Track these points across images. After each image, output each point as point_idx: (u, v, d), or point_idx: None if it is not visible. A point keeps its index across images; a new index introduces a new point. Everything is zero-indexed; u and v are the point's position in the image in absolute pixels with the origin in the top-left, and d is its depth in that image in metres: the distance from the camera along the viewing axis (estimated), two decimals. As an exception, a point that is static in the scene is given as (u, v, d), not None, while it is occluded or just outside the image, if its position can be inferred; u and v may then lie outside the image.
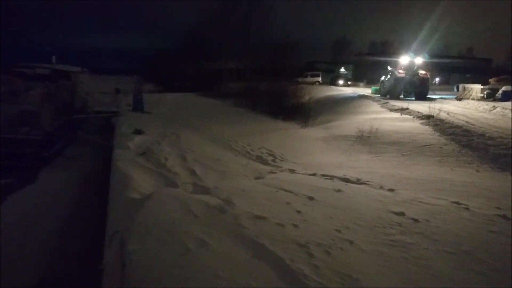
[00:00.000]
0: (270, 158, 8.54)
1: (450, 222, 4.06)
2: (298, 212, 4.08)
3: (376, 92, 28.15)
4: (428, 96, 24.10)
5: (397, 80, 24.48)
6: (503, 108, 17.99)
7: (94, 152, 11.83)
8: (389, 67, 27.04)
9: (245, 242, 3.29)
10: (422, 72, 24.52)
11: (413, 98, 23.63)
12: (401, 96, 24.58)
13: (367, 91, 30.09)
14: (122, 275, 3.11)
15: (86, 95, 18.09)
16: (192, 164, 7.25)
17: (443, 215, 4.31)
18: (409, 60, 25.57)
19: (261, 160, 8.33)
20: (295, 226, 3.63)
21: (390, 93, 24.84)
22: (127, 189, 5.34)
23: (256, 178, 6.31)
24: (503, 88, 23.82)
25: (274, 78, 20.21)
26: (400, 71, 24.85)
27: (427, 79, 24.64)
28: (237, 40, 33.40)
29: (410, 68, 24.93)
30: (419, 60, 25.64)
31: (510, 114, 16.25)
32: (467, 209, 4.56)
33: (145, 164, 7.13)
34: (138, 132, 10.04)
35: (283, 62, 25.97)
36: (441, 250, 3.32)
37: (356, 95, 25.78)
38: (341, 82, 42.54)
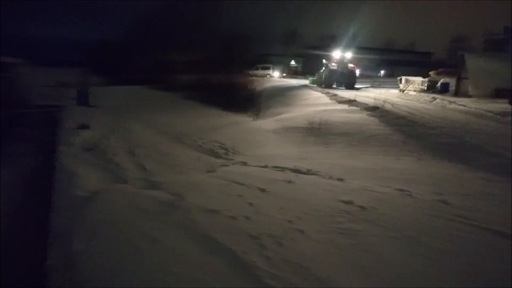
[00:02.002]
0: (222, 151, 8.50)
1: (395, 209, 4.25)
2: (250, 204, 4.09)
3: (313, 82, 32.60)
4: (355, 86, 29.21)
5: (331, 72, 28.93)
6: (442, 99, 19.10)
7: (35, 149, 11.18)
8: (324, 60, 31.23)
9: (197, 236, 3.26)
10: (350, 65, 29.55)
11: (343, 87, 28.40)
12: (334, 86, 28.99)
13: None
14: (67, 276, 2.97)
15: (26, 89, 17.02)
16: (142, 159, 7.06)
17: (389, 202, 4.50)
18: (340, 55, 30.21)
19: (213, 153, 8.27)
20: (247, 218, 3.64)
21: (325, 83, 29.02)
22: (73, 187, 5.10)
23: (208, 171, 6.26)
24: (442, 81, 25.25)
25: (225, 70, 20.11)
26: (333, 64, 29.34)
27: (355, 71, 30.04)
28: (189, 31, 32.78)
29: (341, 62, 29.51)
30: (348, 55, 30.56)
31: (448, 105, 17.29)
32: (410, 195, 4.79)
33: (92, 160, 6.85)
34: (84, 127, 9.62)
35: (234, 54, 25.93)
36: (387, 236, 3.47)
37: (298, 85, 29.94)
38: (277, 74, 46.65)
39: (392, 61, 58.98)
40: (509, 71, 15.37)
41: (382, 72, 54.68)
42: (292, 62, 55.85)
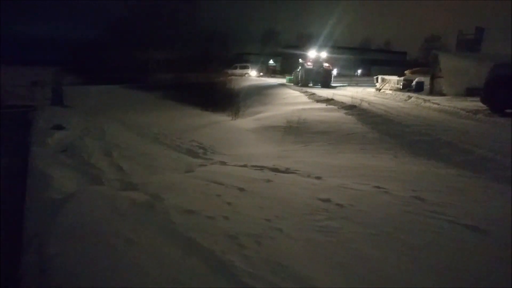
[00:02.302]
0: (201, 151, 8.45)
1: (372, 206, 4.31)
2: (229, 204, 4.08)
3: (290, 81, 33.87)
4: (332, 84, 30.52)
5: (307, 71, 30.00)
6: (417, 98, 19.52)
7: (7, 151, 10.85)
8: (300, 60, 32.40)
9: (175, 237, 3.23)
10: (326, 64, 30.63)
11: (319, 86, 29.41)
12: (310, 84, 29.91)
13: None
14: (41, 280, 2.89)
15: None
16: (118, 160, 6.95)
17: (366, 199, 4.56)
18: (316, 54, 31.69)
19: (191, 153, 8.22)
20: (226, 218, 3.62)
21: (302, 81, 30.10)
22: (47, 189, 4.98)
23: (187, 171, 6.21)
24: (417, 79, 25.83)
25: (204, 69, 20.00)
26: (309, 63, 30.45)
27: (330, 70, 30.94)
28: (166, 30, 32.40)
29: (316, 61, 30.77)
30: (324, 54, 32.01)
31: (423, 103, 17.68)
32: (387, 192, 4.86)
33: (67, 161, 6.70)
34: (58, 127, 9.40)
35: (212, 53, 25.83)
36: (364, 233, 3.51)
37: (276, 84, 31.02)
38: (255, 73, 47.71)
39: (369, 60, 59.94)
40: (480, 70, 15.82)
41: (359, 71, 55.45)
42: (271, 61, 56.02)
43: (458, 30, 34.62)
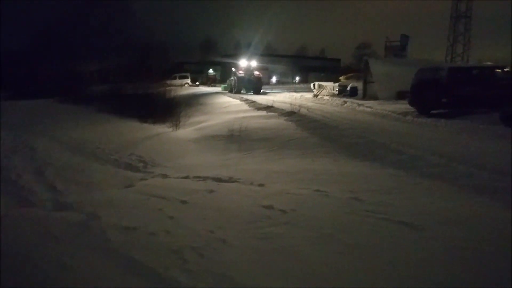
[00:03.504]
0: (141, 164, 8.20)
1: (313, 209, 4.42)
2: (171, 218, 3.99)
3: (225, 89, 36.26)
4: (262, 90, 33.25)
5: (239, 79, 32.52)
6: (352, 102, 20.44)
7: None
8: (233, 69, 34.71)
9: (114, 257, 3.08)
10: (256, 72, 33.37)
11: (252, 92, 31.75)
12: (243, 91, 32.28)
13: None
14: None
15: None
16: (52, 179, 6.54)
17: (307, 203, 4.68)
18: (247, 63, 34.27)
19: (130, 167, 7.94)
20: (168, 232, 3.53)
21: (235, 89, 32.45)
22: (-32, 215, 4.55)
23: (126, 187, 5.99)
24: (351, 85, 27.06)
25: (142, 80, 19.46)
26: (241, 72, 33.06)
27: (260, 77, 33.65)
28: (99, 40, 31.16)
29: (248, 69, 33.42)
30: (254, 63, 34.63)
31: (357, 107, 18.55)
32: (327, 195, 5.02)
33: (-9, 183, 6.17)
34: (-20, 147, 8.65)
35: (150, 63, 25.26)
36: (306, 236, 3.59)
37: (215, 92, 33.51)
38: (195, 82, 49.41)
39: (306, 67, 61.94)
40: (407, 74, 16.93)
41: (297, 78, 57.05)
42: (211, 71, 55.99)
43: (385, 37, 36.93)
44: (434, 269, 2.95)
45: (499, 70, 16.45)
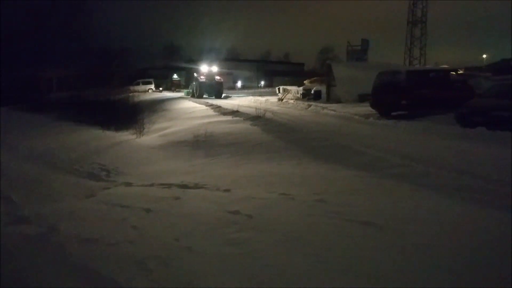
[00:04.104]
0: (104, 173, 7.96)
1: (279, 213, 4.44)
2: (134, 227, 3.88)
3: (187, 94, 36.96)
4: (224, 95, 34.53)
5: (200, 84, 33.45)
6: (316, 106, 20.79)
7: None
8: (195, 74, 35.60)
9: (74, 271, 2.96)
10: (217, 77, 34.47)
11: (213, 97, 32.57)
12: (205, 96, 33.23)
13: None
14: None
15: None
16: (7, 191, 6.21)
17: (273, 207, 4.69)
18: (208, 69, 35.20)
19: (93, 176, 7.70)
20: (131, 242, 3.44)
21: (196, 94, 33.30)
22: None
23: (88, 197, 5.80)
24: (315, 88, 27.51)
25: (104, 86, 19.00)
26: (202, 77, 33.97)
27: (221, 83, 34.69)
28: (59, 45, 30.08)
29: (209, 74, 34.40)
30: (215, 68, 35.72)
31: (321, 110, 18.88)
32: (293, 198, 5.05)
33: None
34: None
35: (112, 69, 24.70)
36: (273, 240, 3.59)
37: (179, 97, 34.19)
38: (159, 88, 48.79)
39: (271, 71, 62.42)
40: (369, 78, 17.41)
41: (262, 82, 57.40)
42: (175, 76, 55.37)
43: (347, 41, 37.87)
44: (397, 267, 3.03)
45: (454, 73, 17.23)
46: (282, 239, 3.62)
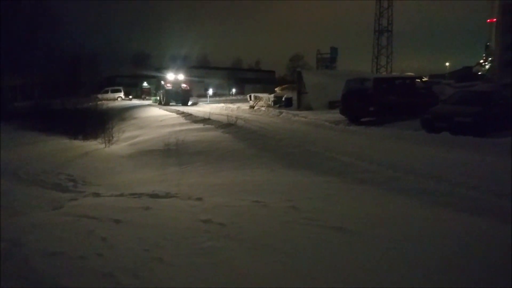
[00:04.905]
0: (71, 183, 7.73)
1: (252, 221, 4.43)
2: (103, 239, 3.78)
3: (155, 101, 37.89)
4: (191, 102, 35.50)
5: (167, 91, 34.43)
6: (287, 113, 20.96)
7: None
8: (162, 82, 36.19)
9: (39, 286, 2.85)
10: (184, 85, 35.22)
11: (180, 104, 33.36)
12: (172, 103, 33.83)
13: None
14: None
15: None
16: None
17: (246, 215, 4.68)
18: (174, 77, 35.73)
19: (59, 187, 7.46)
20: (99, 255, 3.34)
21: (163, 101, 34.19)
22: None
23: (54, 209, 5.60)
24: (286, 96, 27.78)
25: (70, 94, 18.49)
26: (168, 84, 34.83)
27: (188, 90, 35.66)
28: (22, 52, 29.04)
29: (175, 82, 35.09)
30: (181, 76, 36.21)
31: (293, 117, 19.05)
32: (265, 205, 5.06)
33: None
34: None
35: (80, 76, 24.08)
36: (245, 248, 3.58)
37: (146, 104, 35.07)
38: (129, 96, 49.14)
39: (242, 79, 62.60)
40: (338, 85, 17.73)
41: (234, 90, 57.46)
42: (145, 84, 54.62)
43: (316, 49, 38.58)
44: (367, 271, 3.08)
45: (419, 80, 17.81)
46: (255, 247, 3.61)
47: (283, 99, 27.34)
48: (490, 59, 61.20)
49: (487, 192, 5.35)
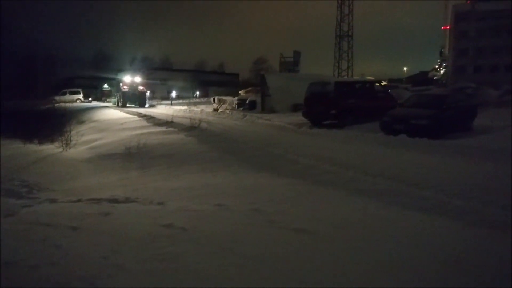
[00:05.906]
0: (25, 189, 7.37)
1: (214, 224, 4.40)
2: (58, 247, 3.62)
3: (114, 103, 38.77)
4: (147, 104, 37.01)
5: (123, 93, 35.63)
6: (251, 115, 21.03)
7: None
8: (120, 84, 36.94)
9: (-13, 299, 2.70)
10: (140, 87, 36.71)
11: (137, 106, 34.40)
12: (130, 105, 34.86)
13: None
14: None
15: None
16: None
17: (208, 218, 4.64)
18: (130, 79, 36.66)
19: (12, 194, 7.08)
20: (54, 264, 3.19)
21: (121, 103, 35.42)
22: None
23: (5, 216, 5.31)
24: (249, 99, 27.91)
25: (25, 96, 17.72)
26: (125, 87, 35.88)
27: (144, 92, 37.29)
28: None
29: (132, 85, 36.17)
30: (138, 79, 37.32)
31: (257, 120, 19.13)
32: (228, 208, 5.05)
33: None
34: None
35: (36, 77, 23.13)
36: (208, 252, 3.55)
37: (105, 106, 35.73)
38: (88, 98, 48.61)
39: (205, 82, 62.29)
40: (301, 88, 18.00)
41: (197, 92, 57.04)
42: (105, 86, 53.19)
43: (280, 53, 39.00)
44: (330, 271, 3.13)
45: (378, 84, 18.39)
46: (217, 251, 3.59)
47: (247, 102, 27.44)
48: (444, 64, 64.27)
49: (440, 191, 5.60)
